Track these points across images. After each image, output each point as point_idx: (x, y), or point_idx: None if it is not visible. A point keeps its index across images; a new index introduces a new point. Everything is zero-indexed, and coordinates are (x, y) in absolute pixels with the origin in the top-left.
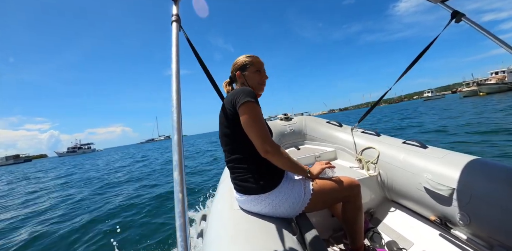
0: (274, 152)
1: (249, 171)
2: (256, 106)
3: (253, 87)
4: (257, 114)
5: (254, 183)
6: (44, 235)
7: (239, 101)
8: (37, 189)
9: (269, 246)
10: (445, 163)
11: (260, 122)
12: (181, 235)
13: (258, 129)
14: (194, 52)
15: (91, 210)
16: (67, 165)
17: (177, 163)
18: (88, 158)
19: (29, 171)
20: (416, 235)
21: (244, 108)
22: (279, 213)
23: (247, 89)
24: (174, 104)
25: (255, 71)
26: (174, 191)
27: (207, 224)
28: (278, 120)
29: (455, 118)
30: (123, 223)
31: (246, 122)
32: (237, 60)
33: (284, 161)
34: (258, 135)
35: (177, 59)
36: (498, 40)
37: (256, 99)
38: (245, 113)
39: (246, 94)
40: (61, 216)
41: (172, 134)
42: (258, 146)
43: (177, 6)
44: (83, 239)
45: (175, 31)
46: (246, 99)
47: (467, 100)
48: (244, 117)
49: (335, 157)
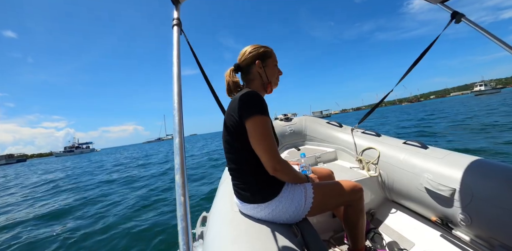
0: (283, 170)
1: (249, 181)
2: (266, 121)
3: (270, 82)
4: (267, 130)
5: (254, 193)
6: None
7: (247, 115)
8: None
9: (270, 248)
10: (446, 163)
11: (270, 138)
12: (183, 238)
13: (267, 145)
14: (194, 56)
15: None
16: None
17: (179, 166)
18: (81, 159)
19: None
20: (417, 235)
21: (253, 123)
22: (280, 220)
23: (254, 97)
24: (176, 107)
25: (275, 65)
26: (175, 194)
27: (208, 226)
28: (278, 120)
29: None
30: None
31: (254, 138)
32: (251, 48)
33: (291, 177)
34: (267, 152)
35: (178, 62)
36: (499, 41)
37: (267, 110)
38: (254, 128)
39: (256, 106)
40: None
41: (173, 137)
42: (267, 163)
43: (178, 10)
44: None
45: (176, 34)
46: (255, 113)
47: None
48: (252, 132)
49: (335, 157)
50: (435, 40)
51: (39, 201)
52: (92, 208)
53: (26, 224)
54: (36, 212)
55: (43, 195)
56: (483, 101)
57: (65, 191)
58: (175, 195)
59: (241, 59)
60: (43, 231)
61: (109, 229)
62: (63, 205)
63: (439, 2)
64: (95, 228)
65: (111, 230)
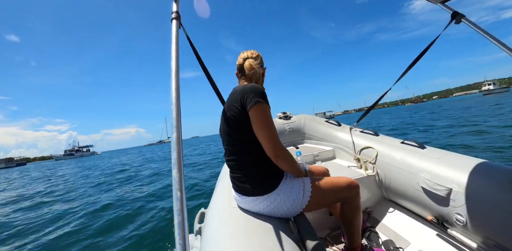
0: (285, 156)
1: (249, 173)
2: (268, 108)
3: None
4: (269, 117)
5: (253, 185)
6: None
7: (251, 102)
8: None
9: (267, 244)
10: (442, 163)
11: (272, 124)
12: (179, 233)
13: (270, 132)
14: (194, 50)
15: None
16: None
17: (176, 161)
18: (76, 163)
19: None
20: (413, 234)
21: (257, 110)
22: (278, 213)
23: (258, 88)
24: (174, 102)
25: (264, 70)
26: (172, 189)
27: (206, 222)
28: (277, 118)
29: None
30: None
31: (257, 124)
32: (251, 52)
33: (292, 165)
34: (269, 138)
35: (177, 57)
36: (498, 42)
37: (268, 100)
38: (257, 115)
39: (259, 94)
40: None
41: (171, 132)
42: (269, 149)
43: (177, 3)
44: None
45: (174, 28)
46: (259, 100)
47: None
48: (256, 119)
49: (334, 156)
50: (434, 40)
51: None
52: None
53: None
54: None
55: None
56: (499, 100)
57: None
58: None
59: (256, 58)
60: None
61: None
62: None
63: (440, 2)
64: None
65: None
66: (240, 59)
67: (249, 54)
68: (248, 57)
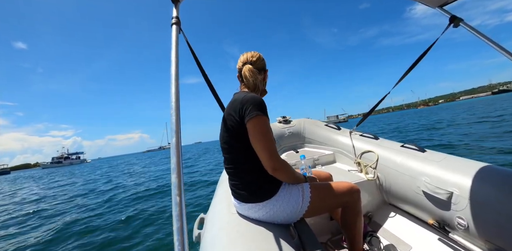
0: (283, 169)
1: (247, 180)
2: (267, 121)
3: (263, 90)
4: (268, 129)
5: (251, 192)
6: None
7: (249, 115)
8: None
9: (268, 250)
10: (443, 166)
11: (270, 137)
12: (178, 238)
13: (267, 144)
14: (193, 55)
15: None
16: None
17: (175, 166)
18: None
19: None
20: (414, 238)
21: (255, 122)
22: (277, 220)
23: (257, 100)
24: (173, 106)
25: (266, 72)
26: (171, 194)
27: (205, 228)
28: (277, 123)
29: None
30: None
31: (255, 137)
32: (261, 56)
33: (290, 176)
34: (266, 150)
35: (176, 62)
36: (497, 46)
37: (267, 112)
38: (255, 127)
39: (257, 106)
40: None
41: (170, 137)
42: (266, 162)
43: (177, 9)
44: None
45: (174, 33)
46: (257, 113)
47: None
48: (254, 131)
49: (334, 160)
50: (432, 44)
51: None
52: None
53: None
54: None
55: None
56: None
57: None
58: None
59: (255, 62)
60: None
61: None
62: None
63: (438, 6)
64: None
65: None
66: (240, 63)
67: (249, 58)
68: (247, 62)
